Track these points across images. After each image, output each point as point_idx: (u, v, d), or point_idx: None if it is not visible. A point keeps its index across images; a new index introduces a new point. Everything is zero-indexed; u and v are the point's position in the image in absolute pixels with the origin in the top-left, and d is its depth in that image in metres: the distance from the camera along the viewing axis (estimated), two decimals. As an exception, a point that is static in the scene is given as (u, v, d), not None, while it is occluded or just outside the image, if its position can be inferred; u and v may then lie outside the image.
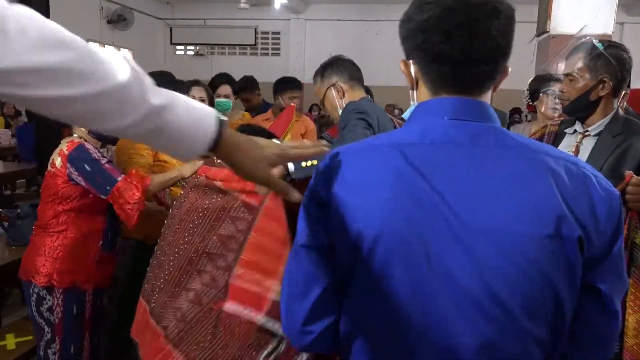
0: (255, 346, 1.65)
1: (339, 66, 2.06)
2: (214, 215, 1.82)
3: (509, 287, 0.81)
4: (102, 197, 1.95)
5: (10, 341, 2.46)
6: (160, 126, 0.79)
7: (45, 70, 0.66)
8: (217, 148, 0.86)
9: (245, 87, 4.05)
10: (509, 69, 0.90)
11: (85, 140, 2.03)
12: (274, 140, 0.96)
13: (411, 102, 0.98)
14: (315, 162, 1.19)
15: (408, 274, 0.82)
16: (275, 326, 1.56)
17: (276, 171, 1.16)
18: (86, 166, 1.94)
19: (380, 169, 0.85)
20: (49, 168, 2.03)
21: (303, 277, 0.92)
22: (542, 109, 2.80)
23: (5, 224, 2.84)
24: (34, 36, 0.66)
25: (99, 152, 2.02)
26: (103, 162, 1.96)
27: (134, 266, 2.46)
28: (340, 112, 2.01)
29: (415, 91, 0.95)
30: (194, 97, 2.83)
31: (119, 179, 1.93)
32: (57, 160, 2.00)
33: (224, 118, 0.87)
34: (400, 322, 0.84)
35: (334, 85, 2.03)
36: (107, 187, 1.93)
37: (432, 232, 0.81)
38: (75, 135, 2.06)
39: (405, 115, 1.00)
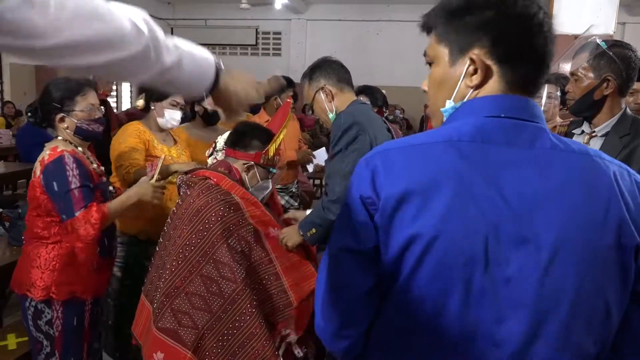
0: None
1: (327, 68, 2.05)
2: (226, 225, 1.83)
3: (565, 296, 0.77)
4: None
5: (12, 341, 2.46)
6: (171, 80, 0.92)
7: (82, 43, 0.73)
8: (215, 90, 1.01)
9: None
10: None
11: (71, 142, 1.93)
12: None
13: (448, 102, 0.88)
14: None
15: (463, 278, 0.78)
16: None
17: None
18: (54, 185, 1.82)
19: (436, 169, 0.80)
20: (32, 176, 1.93)
21: (343, 281, 0.88)
22: None
23: (7, 224, 2.84)
24: (71, 10, 0.70)
25: (79, 164, 1.87)
26: (73, 186, 1.81)
27: (128, 262, 2.47)
28: (330, 115, 2.02)
29: (456, 88, 0.85)
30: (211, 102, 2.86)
31: (77, 213, 1.80)
32: (37, 169, 1.89)
33: (221, 65, 1.03)
34: (449, 328, 0.80)
35: (322, 88, 2.02)
36: (64, 216, 1.82)
37: (494, 236, 0.77)
38: (59, 137, 1.94)
39: (446, 110, 0.89)
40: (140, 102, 2.51)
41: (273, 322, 1.81)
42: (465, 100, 0.85)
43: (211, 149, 2.24)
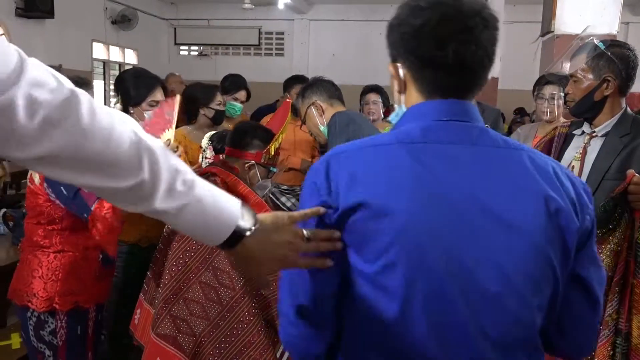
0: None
1: (318, 87, 2.18)
2: None
3: (523, 270, 0.87)
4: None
5: (16, 340, 2.47)
6: (166, 221, 0.86)
7: (92, 161, 0.72)
8: (234, 246, 0.88)
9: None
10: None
11: None
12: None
13: (396, 105, 1.00)
14: None
15: (426, 274, 0.84)
16: None
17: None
18: (63, 190, 1.77)
19: (393, 168, 0.87)
20: (29, 184, 1.87)
21: (311, 285, 0.91)
22: (536, 112, 2.80)
23: (11, 223, 2.85)
24: (100, 125, 0.71)
25: None
26: None
27: (130, 272, 2.40)
28: (321, 128, 2.10)
29: (403, 95, 0.97)
30: (220, 102, 2.82)
31: (93, 207, 1.76)
32: (35, 176, 1.82)
33: (246, 226, 0.88)
34: (415, 321, 0.86)
35: (313, 104, 2.13)
36: (85, 215, 1.77)
37: (454, 231, 0.85)
38: None
39: (392, 118, 1.03)
40: (118, 107, 2.39)
41: (276, 327, 1.81)
42: (399, 103, 0.98)
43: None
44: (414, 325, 0.85)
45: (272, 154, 2.07)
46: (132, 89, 2.30)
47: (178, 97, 2.11)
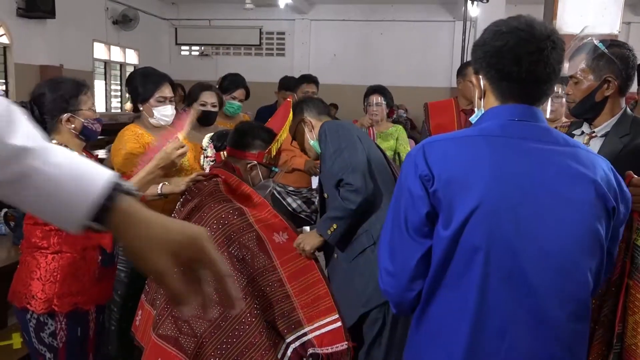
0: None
1: (309, 104, 2.27)
2: (227, 233, 1.82)
3: (580, 238, 1.08)
4: None
5: (16, 340, 2.47)
6: (23, 174, 0.64)
7: None
8: (106, 219, 0.67)
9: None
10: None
11: (66, 147, 1.79)
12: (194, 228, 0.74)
13: (476, 109, 1.23)
14: None
15: (501, 235, 1.05)
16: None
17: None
18: None
19: (478, 153, 1.10)
20: None
21: (407, 245, 1.13)
22: None
23: (12, 223, 2.85)
24: None
25: None
26: None
27: (133, 265, 2.43)
28: (311, 143, 2.18)
29: (482, 100, 1.20)
30: (204, 103, 2.81)
31: None
32: None
33: (126, 184, 0.70)
34: (490, 273, 1.06)
35: (303, 120, 2.21)
36: None
37: (524, 203, 1.06)
38: (53, 142, 1.82)
39: (472, 118, 1.30)
40: (128, 105, 2.46)
41: (278, 329, 1.80)
42: (480, 107, 1.20)
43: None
44: (489, 273, 1.07)
45: (274, 154, 2.07)
46: (140, 87, 2.36)
47: (193, 111, 2.22)
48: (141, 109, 2.38)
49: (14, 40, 7.11)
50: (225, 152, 2.17)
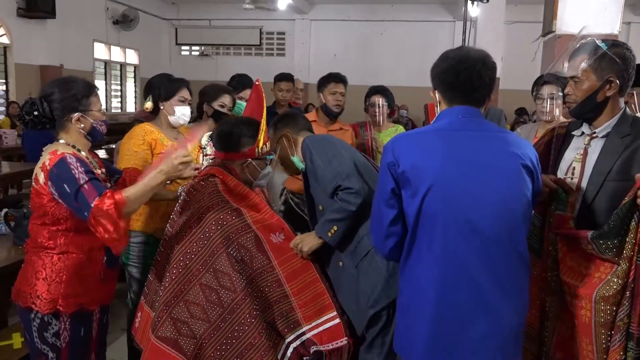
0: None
1: (290, 120, 2.28)
2: (226, 234, 1.83)
3: (513, 194, 1.50)
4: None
5: (17, 340, 2.47)
6: None
7: None
8: None
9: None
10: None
11: (73, 147, 1.85)
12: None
13: (436, 110, 1.65)
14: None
15: (453, 200, 1.46)
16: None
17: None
18: (66, 187, 1.74)
19: (432, 144, 1.50)
20: (33, 184, 1.84)
21: (383, 210, 1.56)
22: (537, 112, 2.79)
23: (12, 223, 2.85)
24: None
25: (82, 163, 1.80)
26: (82, 181, 1.74)
27: (147, 262, 2.39)
28: (293, 158, 2.18)
29: (438, 106, 1.62)
30: (222, 105, 2.83)
31: (93, 204, 1.71)
32: (40, 176, 1.81)
33: None
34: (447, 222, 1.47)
35: (284, 135, 2.21)
36: (85, 214, 1.73)
37: (469, 175, 1.47)
38: (61, 141, 1.86)
39: (433, 121, 1.66)
40: (149, 104, 2.50)
41: (278, 329, 1.81)
42: (437, 112, 1.63)
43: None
44: (448, 227, 1.47)
45: (262, 143, 2.08)
46: (163, 87, 2.49)
47: (207, 124, 2.34)
48: (162, 107, 2.48)
49: (14, 40, 7.12)
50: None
